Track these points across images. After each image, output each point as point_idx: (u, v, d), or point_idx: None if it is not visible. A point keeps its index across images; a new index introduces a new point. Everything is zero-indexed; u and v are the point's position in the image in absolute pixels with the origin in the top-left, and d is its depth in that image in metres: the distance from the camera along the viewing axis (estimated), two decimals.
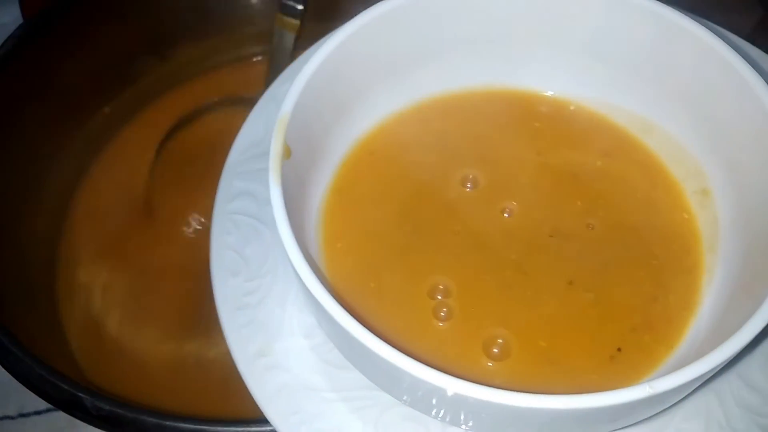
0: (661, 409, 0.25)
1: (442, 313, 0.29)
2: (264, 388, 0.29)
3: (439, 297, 0.29)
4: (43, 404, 0.44)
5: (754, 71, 0.27)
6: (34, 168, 0.48)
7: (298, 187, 0.29)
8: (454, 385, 0.22)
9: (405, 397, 0.26)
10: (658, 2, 0.30)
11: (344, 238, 0.31)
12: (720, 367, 0.22)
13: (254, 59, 0.54)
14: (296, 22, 0.48)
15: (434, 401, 0.24)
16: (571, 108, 0.35)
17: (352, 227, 0.31)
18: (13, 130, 0.46)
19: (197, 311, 0.46)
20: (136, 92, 0.52)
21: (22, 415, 0.44)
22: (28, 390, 0.35)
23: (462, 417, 0.25)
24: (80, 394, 0.33)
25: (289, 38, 0.49)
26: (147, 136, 0.52)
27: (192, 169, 0.49)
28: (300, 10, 0.48)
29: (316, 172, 0.31)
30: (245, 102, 0.41)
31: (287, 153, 0.27)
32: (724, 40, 0.29)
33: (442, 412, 0.25)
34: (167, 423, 0.32)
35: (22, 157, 0.47)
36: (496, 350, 0.28)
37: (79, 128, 0.50)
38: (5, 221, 0.45)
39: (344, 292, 0.29)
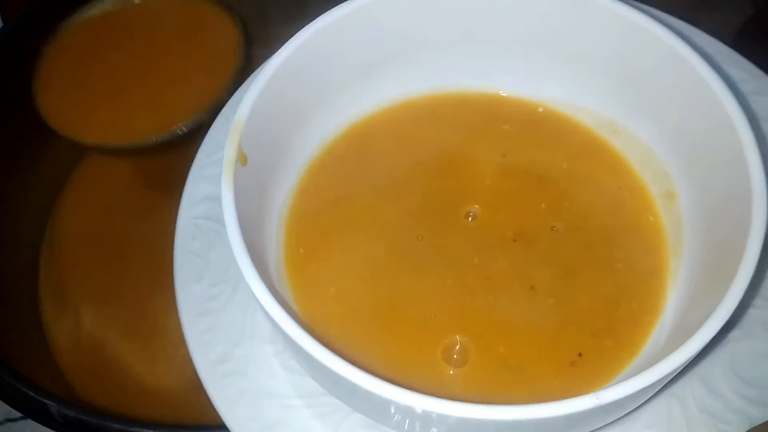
0: (619, 416, 0.25)
1: (403, 319, 0.29)
2: (224, 394, 0.29)
3: (400, 302, 0.29)
4: None
5: (715, 73, 0.27)
6: (16, 175, 0.48)
7: (257, 192, 0.29)
8: (401, 397, 0.22)
9: (361, 407, 0.26)
10: (623, 3, 0.29)
11: (307, 243, 0.31)
12: (669, 378, 0.22)
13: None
14: None
15: (391, 411, 0.24)
16: (540, 110, 0.34)
17: (316, 232, 0.31)
18: None
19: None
20: None
21: (10, 420, 0.44)
22: None
23: (417, 427, 0.24)
24: (46, 401, 0.33)
25: None
26: None
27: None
28: None
29: (279, 176, 0.31)
30: None
31: (243, 159, 0.27)
32: (690, 40, 0.29)
33: (397, 421, 0.25)
34: (131, 429, 0.32)
35: (2, 167, 0.47)
36: (455, 356, 0.28)
37: (60, 136, 0.50)
38: None
39: (305, 299, 0.29)
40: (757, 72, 0.34)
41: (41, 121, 0.48)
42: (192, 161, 0.34)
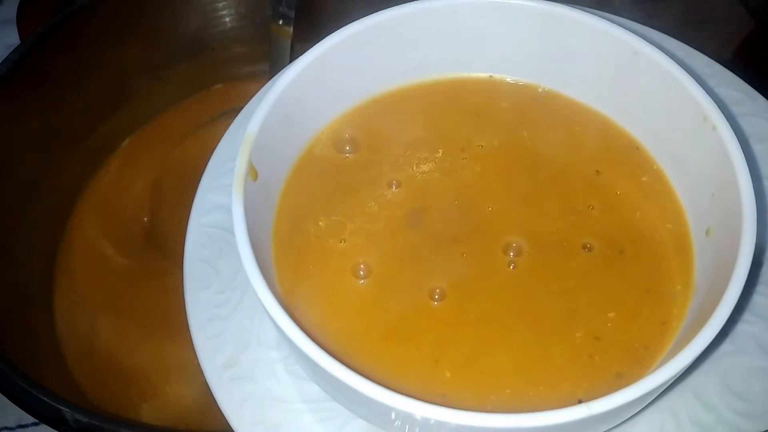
0: (611, 426, 0.26)
1: (406, 332, 0.29)
2: (230, 398, 0.29)
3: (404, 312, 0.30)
4: None
5: (706, 93, 0.28)
6: (31, 187, 0.48)
7: (266, 203, 0.30)
8: (400, 403, 0.23)
9: (363, 413, 0.27)
10: (619, 27, 0.31)
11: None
12: (659, 391, 0.23)
13: (245, 78, 0.55)
14: (289, 29, 0.50)
15: (392, 417, 0.25)
16: None
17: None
18: (10, 149, 0.47)
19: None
20: (132, 112, 0.53)
21: (21, 426, 0.45)
22: None
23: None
24: (61, 407, 0.33)
25: (285, 45, 0.50)
26: (143, 154, 0.53)
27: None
28: (292, 18, 0.49)
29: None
30: None
31: (253, 174, 0.28)
32: (686, 61, 0.29)
33: (398, 427, 0.26)
34: None
35: (20, 176, 0.48)
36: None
37: (76, 147, 0.51)
38: (2, 238, 0.46)
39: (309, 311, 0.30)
40: (754, 93, 0.35)
41: (56, 133, 0.50)
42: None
